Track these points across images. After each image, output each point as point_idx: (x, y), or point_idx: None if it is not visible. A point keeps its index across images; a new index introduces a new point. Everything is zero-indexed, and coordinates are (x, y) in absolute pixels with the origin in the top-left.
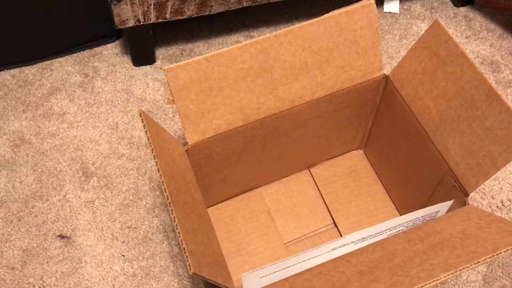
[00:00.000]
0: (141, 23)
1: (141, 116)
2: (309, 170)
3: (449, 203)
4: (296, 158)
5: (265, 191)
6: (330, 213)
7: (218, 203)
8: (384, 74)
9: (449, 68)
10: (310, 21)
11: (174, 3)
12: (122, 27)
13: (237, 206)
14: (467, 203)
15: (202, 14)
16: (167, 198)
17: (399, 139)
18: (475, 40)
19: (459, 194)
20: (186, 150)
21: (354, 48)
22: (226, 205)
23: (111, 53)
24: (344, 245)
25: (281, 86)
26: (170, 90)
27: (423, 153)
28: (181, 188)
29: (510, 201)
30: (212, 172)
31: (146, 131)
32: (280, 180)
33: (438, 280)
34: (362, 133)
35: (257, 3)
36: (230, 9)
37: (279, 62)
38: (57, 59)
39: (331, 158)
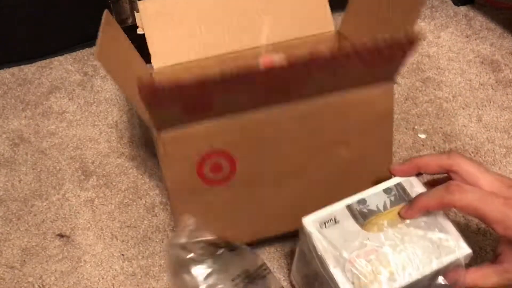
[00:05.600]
0: None
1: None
2: None
3: None
4: None
5: None
6: None
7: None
8: (336, 30)
9: None
10: None
11: None
12: (122, 25)
13: None
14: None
15: None
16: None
17: None
18: (476, 40)
19: None
20: (151, 74)
21: (303, 2)
22: None
23: None
24: None
25: (238, 28)
26: (141, 19)
27: None
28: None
29: None
30: None
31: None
32: None
33: None
34: None
35: None
36: None
37: (236, 5)
38: (56, 58)
39: None
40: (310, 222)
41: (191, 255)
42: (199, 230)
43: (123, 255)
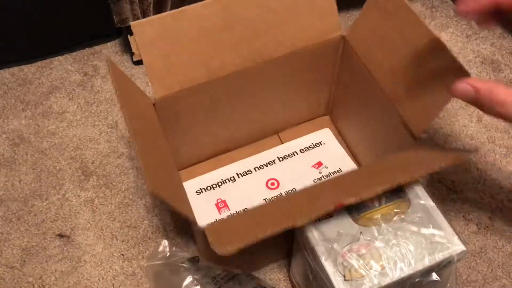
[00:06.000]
0: None
1: (108, 65)
2: (278, 135)
3: (327, 130)
4: (264, 122)
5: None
6: None
7: (189, 166)
8: (341, 35)
9: (396, 22)
10: None
11: (174, 1)
12: (122, 25)
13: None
14: None
15: None
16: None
17: (360, 100)
18: (476, 40)
19: (409, 138)
20: (153, 104)
21: (312, 8)
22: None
23: (110, 52)
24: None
25: (243, 44)
26: (137, 44)
27: (380, 109)
28: (148, 135)
29: (510, 201)
30: (181, 131)
31: (112, 80)
32: (251, 144)
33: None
34: (327, 97)
35: None
36: None
37: (241, 20)
38: (56, 58)
39: (299, 124)
40: None
41: (171, 269)
42: (175, 251)
43: (123, 255)
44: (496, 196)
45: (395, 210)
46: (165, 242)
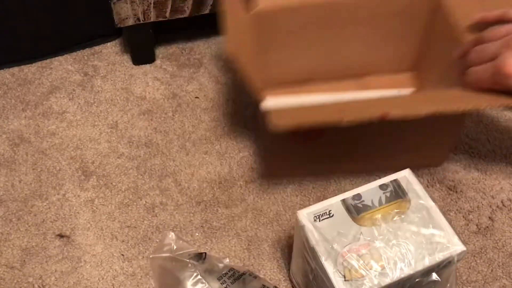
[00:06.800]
0: (141, 21)
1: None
2: (358, 80)
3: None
4: (348, 60)
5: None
6: None
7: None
8: None
9: None
10: None
11: (174, 1)
12: (122, 25)
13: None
14: None
15: (202, 13)
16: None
17: (447, 60)
18: None
19: None
20: (256, 14)
21: None
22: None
23: (110, 52)
24: None
25: None
26: None
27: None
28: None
29: (510, 201)
30: (273, 46)
31: None
32: (330, 83)
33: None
34: (413, 52)
35: None
36: None
37: None
38: (56, 58)
39: (380, 73)
40: (304, 215)
41: (177, 264)
42: (181, 244)
43: (123, 255)
44: (496, 196)
45: (395, 210)
46: (172, 235)
